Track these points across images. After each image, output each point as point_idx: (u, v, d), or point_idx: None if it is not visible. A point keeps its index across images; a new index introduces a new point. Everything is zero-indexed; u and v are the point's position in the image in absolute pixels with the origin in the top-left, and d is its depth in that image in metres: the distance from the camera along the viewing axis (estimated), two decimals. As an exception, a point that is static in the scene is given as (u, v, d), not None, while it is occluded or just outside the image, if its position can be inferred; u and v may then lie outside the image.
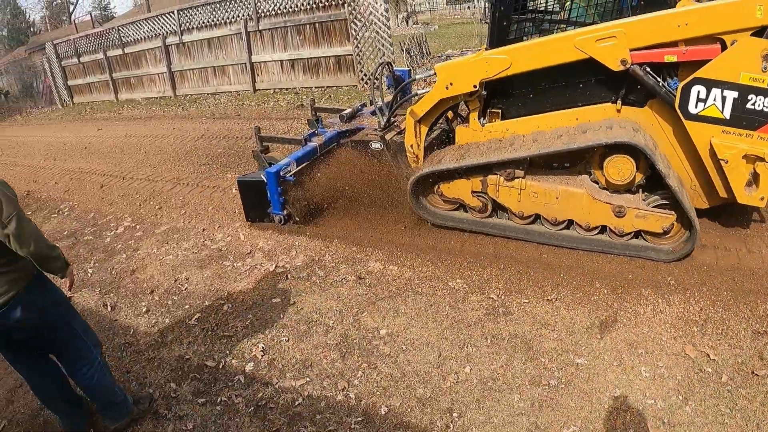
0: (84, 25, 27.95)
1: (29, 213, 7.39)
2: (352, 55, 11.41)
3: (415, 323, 3.61)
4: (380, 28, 10.89)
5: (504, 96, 4.18)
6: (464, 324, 3.52)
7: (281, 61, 12.64)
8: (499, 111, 4.23)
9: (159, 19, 14.59)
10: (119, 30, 15.82)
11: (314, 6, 11.60)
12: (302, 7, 11.81)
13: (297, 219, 5.07)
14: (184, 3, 14.80)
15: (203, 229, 5.64)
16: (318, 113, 6.50)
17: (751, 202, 3.59)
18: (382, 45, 11.01)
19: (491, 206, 4.33)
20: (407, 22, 25.80)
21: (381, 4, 10.88)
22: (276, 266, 4.64)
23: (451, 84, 4.08)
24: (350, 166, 4.92)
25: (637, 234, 3.94)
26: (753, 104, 3.36)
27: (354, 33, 11.18)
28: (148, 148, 9.37)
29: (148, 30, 14.94)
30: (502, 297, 3.73)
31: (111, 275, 5.04)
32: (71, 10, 42.11)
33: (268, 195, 4.92)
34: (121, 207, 6.80)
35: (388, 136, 4.86)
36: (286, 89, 12.65)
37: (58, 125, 14.95)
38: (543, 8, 4.28)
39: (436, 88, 4.19)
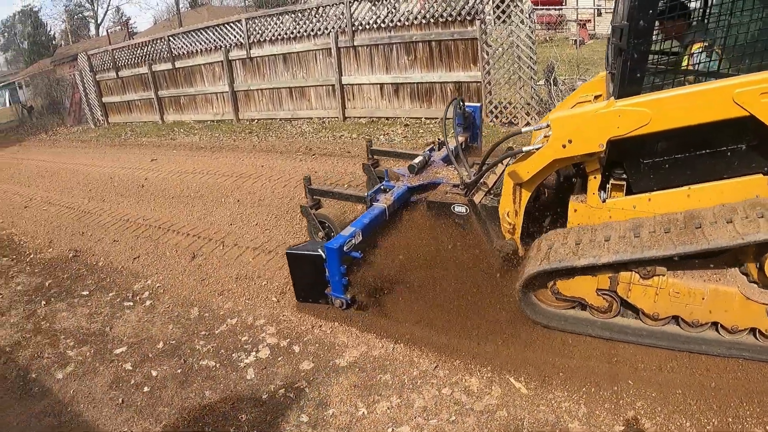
0: (116, 36, 25.79)
1: (85, 294, 4.89)
2: (480, 82, 9.09)
3: None
4: (523, 52, 8.56)
5: (630, 165, 3.33)
6: None
7: (381, 84, 10.32)
8: (623, 183, 3.39)
9: (221, 29, 12.30)
10: (169, 41, 13.56)
11: (432, 21, 9.33)
12: (415, 22, 9.54)
13: (364, 305, 3.85)
14: (232, 15, 12.57)
15: (435, 366, 3.16)
16: (376, 157, 5.40)
17: None
18: (523, 72, 8.67)
19: (618, 306, 3.50)
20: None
21: (526, 24, 8.57)
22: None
23: (570, 141, 3.20)
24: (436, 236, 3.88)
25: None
26: None
27: (486, 56, 8.86)
28: (238, 195, 6.87)
29: (207, 41, 12.65)
30: None
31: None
32: (99, 21, 39.81)
33: (327, 274, 3.73)
34: (244, 302, 4.31)
35: (476, 198, 3.93)
36: (387, 118, 10.30)
37: (94, 150, 12.54)
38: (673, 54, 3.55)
39: (551, 145, 3.30)
